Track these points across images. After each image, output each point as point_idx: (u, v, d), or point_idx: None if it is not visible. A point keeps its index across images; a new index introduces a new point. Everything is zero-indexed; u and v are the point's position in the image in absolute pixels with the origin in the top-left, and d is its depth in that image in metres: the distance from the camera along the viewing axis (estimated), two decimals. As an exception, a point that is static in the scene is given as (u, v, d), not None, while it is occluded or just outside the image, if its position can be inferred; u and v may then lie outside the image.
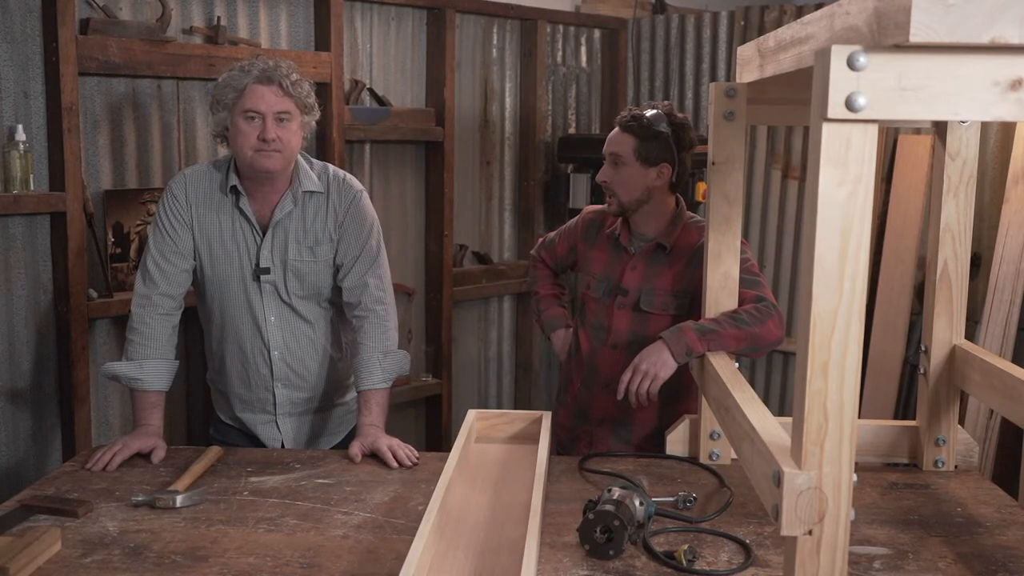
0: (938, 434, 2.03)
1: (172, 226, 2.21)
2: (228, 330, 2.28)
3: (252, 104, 2.11)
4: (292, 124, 2.15)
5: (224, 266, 2.23)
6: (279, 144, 2.12)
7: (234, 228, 2.23)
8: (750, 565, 1.60)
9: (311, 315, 2.30)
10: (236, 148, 2.15)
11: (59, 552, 1.62)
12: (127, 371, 2.17)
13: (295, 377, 2.31)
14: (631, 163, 2.26)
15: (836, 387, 1.14)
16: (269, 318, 2.26)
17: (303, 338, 2.30)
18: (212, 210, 2.23)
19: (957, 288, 1.97)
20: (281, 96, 2.13)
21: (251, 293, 2.25)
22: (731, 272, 2.05)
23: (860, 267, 1.12)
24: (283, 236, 2.23)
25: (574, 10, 4.23)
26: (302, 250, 2.24)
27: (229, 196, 2.22)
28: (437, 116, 3.64)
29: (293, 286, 2.25)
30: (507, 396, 4.22)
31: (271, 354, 2.28)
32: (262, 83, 2.12)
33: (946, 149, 1.92)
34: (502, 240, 4.13)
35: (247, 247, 2.23)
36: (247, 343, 2.28)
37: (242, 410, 2.35)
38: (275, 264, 2.23)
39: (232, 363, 2.31)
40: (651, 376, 2.08)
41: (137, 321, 2.19)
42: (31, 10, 2.59)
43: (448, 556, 1.60)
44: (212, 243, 2.23)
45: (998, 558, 1.63)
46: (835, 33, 1.22)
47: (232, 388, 2.34)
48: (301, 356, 2.31)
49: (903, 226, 3.54)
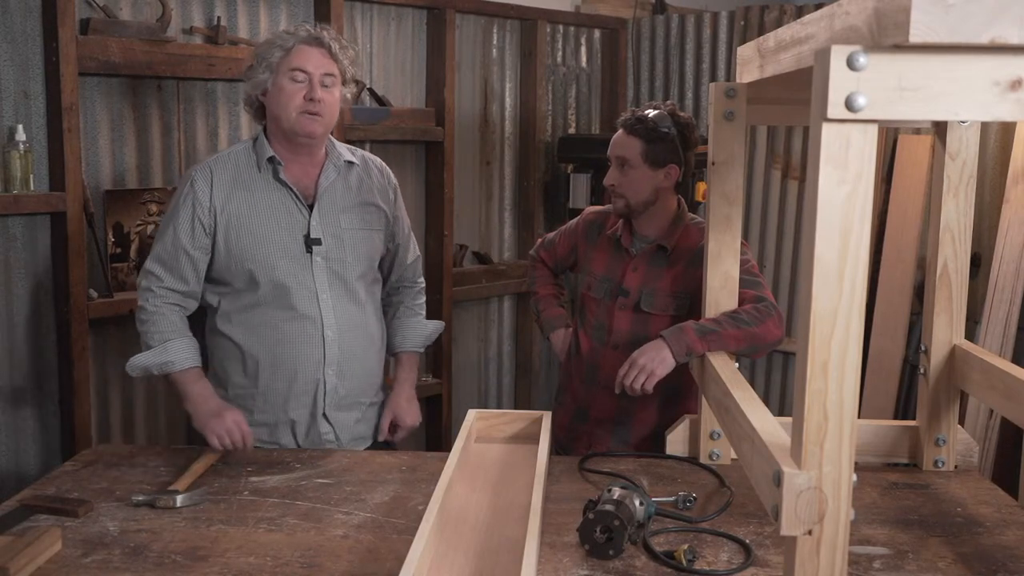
0: (938, 434, 2.03)
1: (186, 223, 2.12)
2: (270, 317, 2.14)
3: (300, 63, 2.08)
4: (335, 90, 2.13)
5: (266, 244, 2.13)
6: (323, 107, 2.09)
7: (272, 202, 2.15)
8: (750, 565, 1.60)
9: (362, 293, 2.23)
10: (278, 110, 2.10)
11: (59, 552, 1.62)
12: (153, 358, 2.12)
13: (345, 362, 2.19)
14: (639, 166, 2.25)
15: (836, 387, 1.14)
16: (321, 295, 2.15)
17: (356, 317, 2.21)
18: (245, 190, 2.15)
19: (957, 288, 1.97)
20: (327, 58, 2.11)
21: (300, 269, 2.14)
22: (731, 272, 2.05)
23: (860, 267, 1.12)
24: (332, 205, 2.18)
25: (574, 10, 4.23)
26: (353, 218, 2.21)
27: (265, 170, 2.15)
28: (437, 116, 3.64)
29: (347, 256, 2.18)
30: (507, 396, 4.22)
31: (324, 333, 2.16)
32: (310, 44, 2.10)
33: (946, 149, 1.92)
34: (502, 240, 4.13)
35: (291, 220, 2.15)
36: (296, 325, 2.15)
37: (280, 410, 2.18)
38: (326, 235, 2.16)
39: (274, 357, 2.16)
40: (647, 372, 2.08)
41: (146, 312, 2.13)
42: (31, 10, 2.59)
43: (448, 556, 1.60)
44: (249, 224, 2.13)
45: (998, 558, 1.63)
46: (835, 33, 1.22)
47: (269, 385, 2.17)
48: (353, 337, 2.20)
49: (903, 226, 3.54)
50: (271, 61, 2.10)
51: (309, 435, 2.22)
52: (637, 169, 2.26)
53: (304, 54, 2.09)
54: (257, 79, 2.12)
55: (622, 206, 2.30)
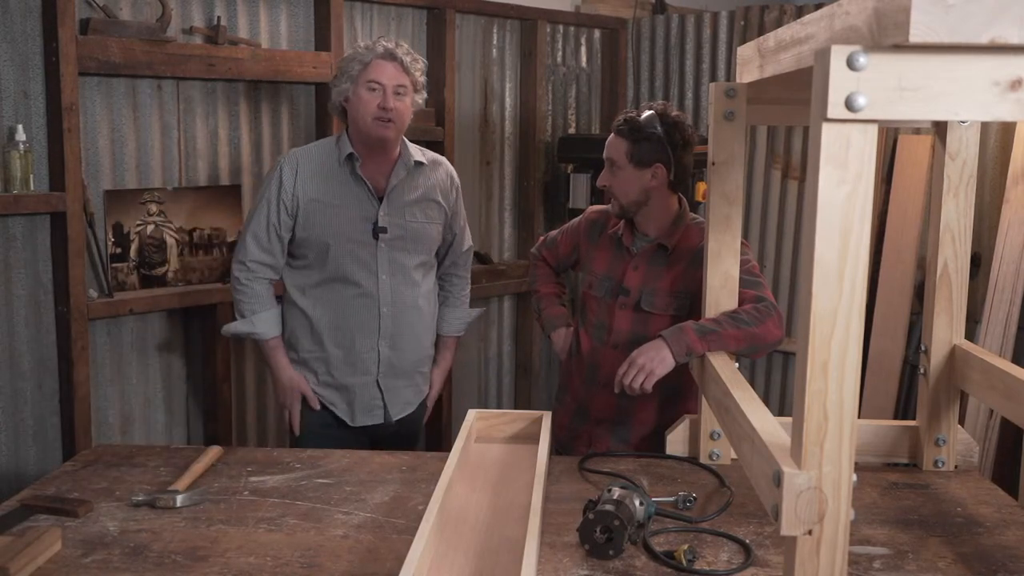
0: (938, 434, 2.03)
1: (273, 203, 2.42)
2: (336, 293, 2.47)
3: (375, 76, 2.38)
4: (406, 98, 2.42)
5: (340, 228, 2.43)
6: (394, 115, 2.38)
7: (348, 193, 2.44)
8: (750, 565, 1.60)
9: (418, 277, 2.54)
10: (356, 116, 2.40)
11: (59, 552, 1.62)
12: (243, 327, 2.49)
13: (397, 336, 2.51)
14: (625, 166, 2.28)
15: (836, 387, 1.14)
16: (382, 276, 2.47)
17: (410, 297, 2.52)
18: (325, 179, 2.44)
19: (957, 288, 1.97)
20: (400, 72, 2.40)
21: (367, 252, 2.46)
22: (731, 272, 2.05)
23: (860, 267, 1.12)
24: (400, 199, 2.48)
25: (574, 10, 4.23)
26: (416, 212, 2.51)
27: (344, 165, 2.44)
28: (437, 116, 3.64)
29: (409, 244, 2.50)
30: (507, 396, 4.22)
31: (381, 310, 2.48)
32: (385, 59, 2.39)
33: (946, 149, 1.92)
34: (502, 240, 4.13)
35: (363, 210, 2.45)
36: (357, 301, 2.47)
37: (341, 374, 2.51)
38: (392, 224, 2.46)
39: (337, 327, 2.48)
40: (646, 371, 2.08)
41: (239, 284, 2.47)
42: (31, 10, 2.59)
43: (448, 556, 1.60)
44: (326, 209, 2.42)
45: (998, 558, 1.63)
46: (835, 33, 1.22)
47: (332, 352, 2.50)
48: (406, 315, 2.52)
49: (903, 226, 3.54)
50: (351, 73, 2.40)
51: (360, 398, 2.53)
52: (624, 170, 2.28)
53: (379, 68, 2.39)
54: (340, 88, 2.43)
55: (616, 207, 2.33)
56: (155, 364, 2.99)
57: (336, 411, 2.54)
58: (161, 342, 2.99)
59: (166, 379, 3.02)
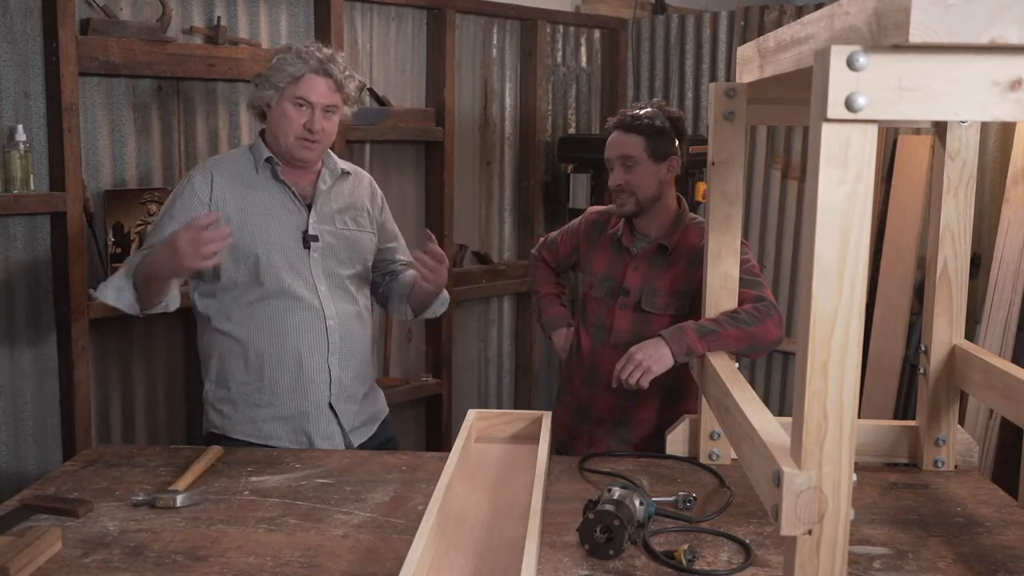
0: (938, 434, 2.03)
1: (182, 214, 2.16)
2: (273, 310, 2.21)
3: (305, 92, 2.17)
4: (335, 117, 2.24)
5: (267, 238, 2.21)
6: (321, 135, 2.20)
7: (271, 200, 2.25)
8: (750, 565, 1.60)
9: (354, 290, 2.33)
10: (278, 132, 2.21)
11: (59, 552, 1.62)
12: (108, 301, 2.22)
13: (347, 352, 2.27)
14: (644, 161, 2.29)
15: (836, 387, 1.14)
16: (320, 287, 2.25)
17: (351, 309, 2.31)
18: (245, 187, 2.24)
19: (957, 288, 1.97)
20: (333, 90, 2.20)
21: (299, 263, 2.24)
22: (731, 272, 2.05)
23: (860, 267, 1.12)
24: (328, 207, 2.30)
25: (574, 10, 4.23)
26: (347, 219, 2.33)
27: (263, 170, 2.25)
28: (437, 116, 3.64)
29: (341, 254, 2.30)
30: (507, 396, 4.22)
31: (327, 323, 2.24)
32: (319, 75, 2.18)
33: (946, 149, 1.92)
34: (502, 240, 4.13)
35: (290, 217, 2.25)
36: (299, 316, 2.22)
37: (289, 402, 2.23)
38: (323, 232, 2.27)
39: (278, 348, 2.21)
40: (644, 368, 2.09)
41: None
42: (31, 10, 2.59)
43: (448, 556, 1.60)
44: (250, 218, 2.21)
45: (998, 558, 1.63)
46: (835, 33, 1.22)
47: (275, 378, 2.22)
48: (351, 328, 2.29)
49: (903, 226, 3.54)
50: (278, 84, 2.18)
51: (315, 425, 2.26)
52: (643, 165, 2.29)
53: (310, 84, 2.17)
54: (263, 94, 2.21)
55: (632, 205, 2.32)
56: (155, 364, 2.99)
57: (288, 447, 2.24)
58: (161, 342, 2.99)
59: (166, 379, 3.02)
